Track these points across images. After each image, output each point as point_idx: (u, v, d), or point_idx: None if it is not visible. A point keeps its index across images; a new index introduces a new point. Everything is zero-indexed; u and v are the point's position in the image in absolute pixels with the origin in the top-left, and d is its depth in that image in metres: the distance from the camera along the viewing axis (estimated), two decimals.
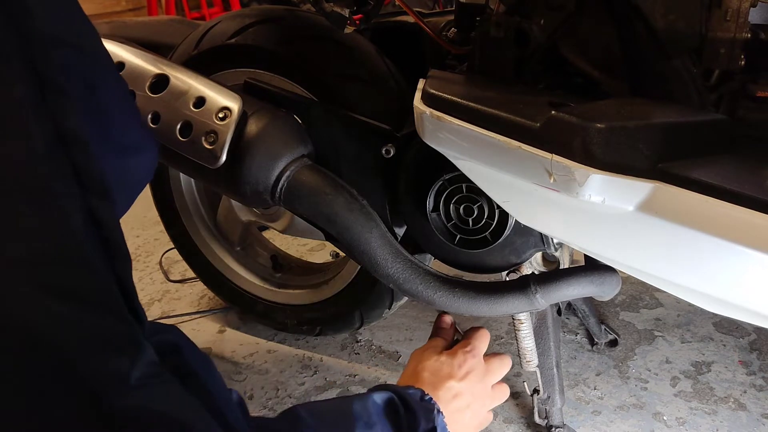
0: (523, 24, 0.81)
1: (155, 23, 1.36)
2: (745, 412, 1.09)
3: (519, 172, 0.71)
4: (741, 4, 0.66)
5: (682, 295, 0.70)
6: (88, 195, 0.34)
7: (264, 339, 1.39)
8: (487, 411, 0.80)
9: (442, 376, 0.75)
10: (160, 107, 0.87)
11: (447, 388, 0.74)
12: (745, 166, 0.65)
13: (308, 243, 1.75)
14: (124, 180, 0.40)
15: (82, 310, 0.33)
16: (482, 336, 0.82)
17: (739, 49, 0.67)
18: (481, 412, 0.78)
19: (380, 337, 1.37)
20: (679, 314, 1.36)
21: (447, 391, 0.74)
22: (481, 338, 0.82)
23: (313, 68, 0.99)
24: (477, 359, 0.79)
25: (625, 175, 0.63)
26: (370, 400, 0.62)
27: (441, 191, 0.86)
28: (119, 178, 0.39)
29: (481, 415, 0.79)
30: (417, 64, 1.03)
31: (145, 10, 3.82)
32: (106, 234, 0.35)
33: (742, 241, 0.58)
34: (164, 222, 1.36)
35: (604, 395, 1.15)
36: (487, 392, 0.79)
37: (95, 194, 0.35)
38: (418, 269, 0.86)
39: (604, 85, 0.79)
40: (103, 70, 0.39)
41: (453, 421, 0.71)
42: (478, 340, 0.82)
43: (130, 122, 0.41)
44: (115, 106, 0.40)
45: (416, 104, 0.79)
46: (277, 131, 0.89)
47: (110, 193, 0.36)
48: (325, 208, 0.87)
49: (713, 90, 0.72)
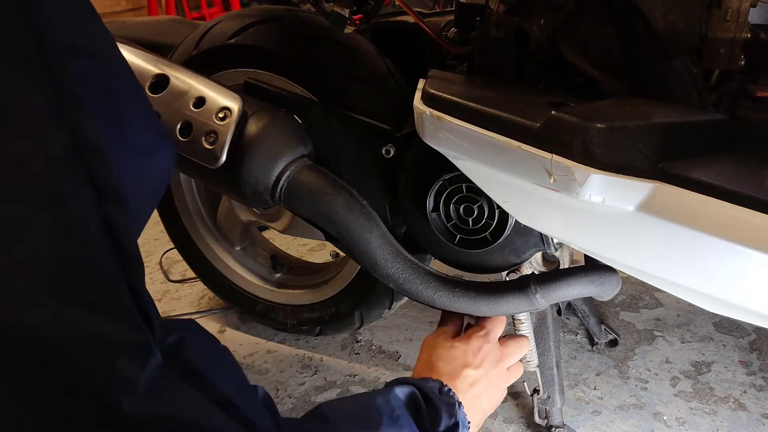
0: (523, 24, 0.81)
1: (155, 23, 1.36)
2: (745, 412, 1.09)
3: (519, 172, 0.71)
4: (741, 4, 0.66)
5: (682, 295, 0.70)
6: (104, 201, 0.34)
7: (264, 339, 1.39)
8: (502, 391, 0.80)
9: (458, 366, 0.75)
10: (161, 107, 0.87)
11: (463, 377, 0.74)
12: (745, 166, 0.65)
13: (308, 243, 1.75)
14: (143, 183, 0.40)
15: (93, 316, 0.33)
16: (497, 320, 0.82)
17: (739, 49, 0.67)
18: (496, 395, 0.79)
19: (380, 337, 1.37)
20: (679, 314, 1.36)
21: (464, 380, 0.74)
22: (495, 322, 0.82)
23: (313, 68, 0.99)
24: (492, 344, 0.79)
25: (625, 175, 0.63)
26: (392, 394, 0.63)
27: (441, 191, 0.86)
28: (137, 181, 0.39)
29: (495, 398, 0.79)
30: (417, 64, 1.03)
31: (145, 10, 3.82)
32: (119, 240, 0.35)
33: (742, 241, 0.58)
34: (164, 222, 1.36)
35: (604, 395, 1.15)
36: (502, 375, 0.79)
37: (110, 200, 0.35)
38: (418, 269, 0.86)
39: (604, 85, 0.79)
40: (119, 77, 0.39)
41: (470, 408, 0.72)
42: (493, 324, 0.81)
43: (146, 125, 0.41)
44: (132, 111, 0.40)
45: (416, 104, 0.79)
46: (277, 131, 0.89)
47: (125, 199, 0.36)
48: (325, 208, 0.87)
49: (713, 90, 0.72)
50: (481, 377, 0.76)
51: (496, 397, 0.79)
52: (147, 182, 0.41)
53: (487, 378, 0.77)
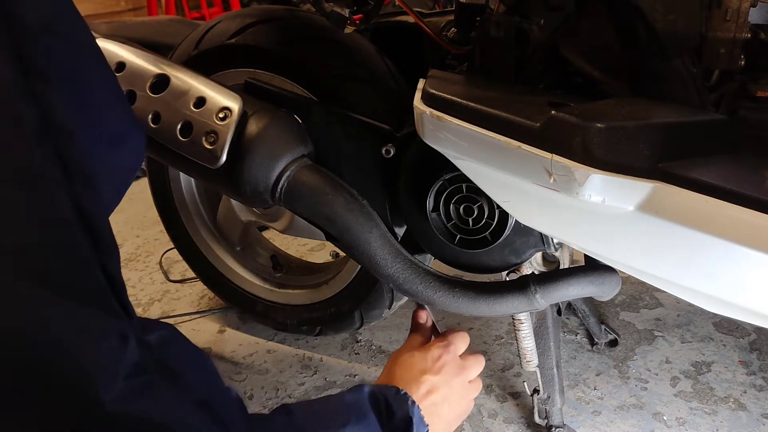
0: (523, 24, 0.81)
1: (155, 23, 1.36)
2: (745, 412, 1.09)
3: (519, 172, 0.71)
4: (741, 4, 0.66)
5: (682, 295, 0.70)
6: (74, 183, 0.34)
7: (264, 339, 1.39)
8: (467, 402, 0.79)
9: (416, 372, 0.75)
10: (161, 107, 0.87)
11: (421, 382, 0.73)
12: (745, 166, 0.65)
13: (308, 243, 1.75)
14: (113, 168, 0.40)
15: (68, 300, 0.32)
16: (461, 335, 0.82)
17: (739, 49, 0.67)
18: (460, 404, 0.77)
19: (380, 337, 1.37)
20: (679, 314, 1.36)
21: (421, 386, 0.73)
22: (459, 337, 0.81)
23: (313, 68, 0.99)
24: (452, 355, 0.78)
25: (625, 175, 0.63)
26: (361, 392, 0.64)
27: (441, 191, 0.86)
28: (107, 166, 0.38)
29: (460, 407, 0.78)
30: (417, 64, 1.03)
31: (145, 10, 3.81)
32: (91, 224, 0.34)
33: (742, 241, 0.58)
34: (164, 222, 1.36)
35: (604, 395, 1.15)
36: (464, 386, 0.79)
37: (81, 183, 0.34)
38: (418, 269, 0.86)
39: (604, 85, 0.79)
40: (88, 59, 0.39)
41: (431, 413, 0.71)
42: (455, 338, 0.81)
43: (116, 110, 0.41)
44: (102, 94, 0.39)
45: (416, 104, 0.79)
46: (278, 131, 0.89)
47: (96, 182, 0.35)
48: (325, 208, 0.88)
49: (713, 90, 0.72)
50: (441, 384, 0.75)
51: (461, 407, 0.78)
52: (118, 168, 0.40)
53: (449, 386, 0.75)
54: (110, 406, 0.33)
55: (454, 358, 0.79)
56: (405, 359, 0.77)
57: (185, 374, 0.40)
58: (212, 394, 0.42)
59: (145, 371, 0.36)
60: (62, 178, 0.33)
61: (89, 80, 0.38)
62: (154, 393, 0.36)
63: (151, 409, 0.35)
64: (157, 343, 0.39)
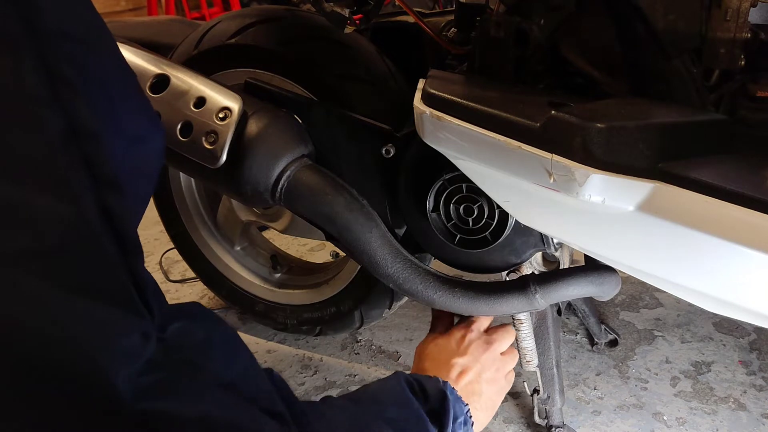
0: (523, 24, 0.81)
1: (155, 23, 1.36)
2: (745, 412, 1.09)
3: (519, 172, 0.71)
4: (741, 4, 0.66)
5: (682, 295, 0.70)
6: (101, 187, 0.34)
7: (264, 339, 1.39)
8: (504, 374, 0.79)
9: (444, 358, 0.75)
10: (161, 107, 0.87)
11: (450, 366, 0.73)
12: (745, 166, 0.65)
13: (308, 243, 1.75)
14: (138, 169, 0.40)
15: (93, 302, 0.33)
16: (482, 317, 0.82)
17: (739, 49, 0.67)
18: (496, 378, 0.77)
19: (380, 337, 1.37)
20: (679, 314, 1.36)
21: (452, 370, 0.73)
22: (480, 318, 0.81)
23: (313, 68, 0.99)
24: (476, 332, 0.78)
25: (625, 175, 0.63)
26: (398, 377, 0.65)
27: (441, 191, 0.86)
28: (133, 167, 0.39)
29: (497, 382, 0.77)
30: (417, 64, 1.03)
31: (145, 10, 3.82)
32: (117, 226, 0.35)
33: (742, 241, 0.58)
34: (164, 222, 1.36)
35: (604, 395, 1.15)
36: (496, 358, 0.78)
37: (107, 186, 0.35)
38: (418, 269, 0.86)
39: (604, 85, 0.79)
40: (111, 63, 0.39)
41: (468, 393, 0.71)
42: (479, 319, 0.81)
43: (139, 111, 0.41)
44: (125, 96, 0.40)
45: (416, 104, 0.79)
46: (278, 131, 0.89)
47: (122, 184, 0.36)
48: (325, 208, 0.88)
49: (713, 90, 0.72)
50: (471, 363, 0.74)
51: (498, 382, 0.77)
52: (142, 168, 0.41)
53: (480, 363, 0.75)
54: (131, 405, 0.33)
55: (479, 334, 0.79)
56: (430, 350, 0.77)
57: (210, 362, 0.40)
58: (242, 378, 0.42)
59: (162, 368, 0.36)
60: (89, 182, 0.34)
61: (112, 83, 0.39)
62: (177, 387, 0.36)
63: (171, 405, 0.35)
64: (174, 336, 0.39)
